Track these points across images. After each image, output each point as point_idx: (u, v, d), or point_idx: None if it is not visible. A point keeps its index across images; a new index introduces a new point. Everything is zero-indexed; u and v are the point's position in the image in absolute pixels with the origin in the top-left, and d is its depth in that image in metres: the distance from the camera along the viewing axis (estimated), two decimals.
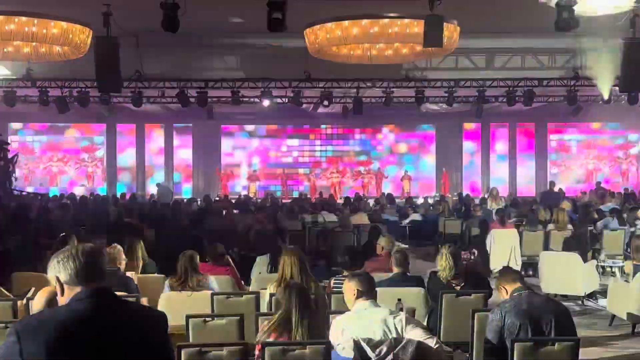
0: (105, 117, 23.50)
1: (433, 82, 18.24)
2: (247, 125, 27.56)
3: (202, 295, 6.33)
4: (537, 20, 12.83)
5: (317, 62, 15.59)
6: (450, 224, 14.94)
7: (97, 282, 2.67)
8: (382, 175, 27.21)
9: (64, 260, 2.68)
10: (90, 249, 2.73)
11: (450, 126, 27.21)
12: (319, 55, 14.74)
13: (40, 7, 12.01)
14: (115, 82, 12.56)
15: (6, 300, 5.88)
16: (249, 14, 12.23)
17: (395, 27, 12.83)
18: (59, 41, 12.74)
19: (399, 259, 6.87)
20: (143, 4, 10.22)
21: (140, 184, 27.11)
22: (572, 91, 18.37)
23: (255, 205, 18.69)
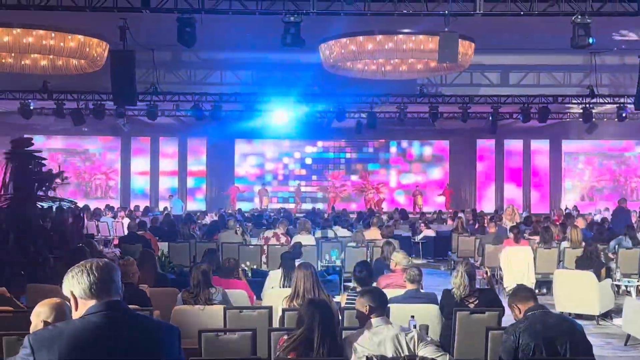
0: (120, 130, 23.63)
1: (447, 98, 18.23)
2: (260, 139, 27.62)
3: (215, 309, 6.31)
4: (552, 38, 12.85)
5: (332, 76, 15.65)
6: (464, 240, 14.86)
7: (110, 296, 2.68)
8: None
9: (78, 275, 2.69)
10: (104, 264, 2.74)
11: (464, 142, 27.18)
12: (334, 70, 14.79)
13: (58, 21, 12.13)
14: (130, 95, 12.63)
15: (20, 312, 5.89)
16: (264, 29, 12.29)
17: (410, 43, 12.87)
18: (76, 54, 12.87)
19: (412, 275, 6.83)
20: (159, 19, 10.31)
21: (154, 197, 27.19)
22: (587, 108, 18.29)
23: (268, 220, 18.70)
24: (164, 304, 6.90)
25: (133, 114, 20.51)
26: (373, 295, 4.72)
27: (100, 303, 2.65)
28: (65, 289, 2.72)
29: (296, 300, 5.93)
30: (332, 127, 23.56)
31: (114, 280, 2.72)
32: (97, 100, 18.02)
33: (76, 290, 2.68)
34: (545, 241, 12.39)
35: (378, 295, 4.77)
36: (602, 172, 27.81)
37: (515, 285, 5.40)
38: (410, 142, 27.95)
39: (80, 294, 2.68)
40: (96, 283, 2.66)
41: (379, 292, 4.87)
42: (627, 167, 27.86)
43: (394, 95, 18.15)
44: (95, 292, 2.66)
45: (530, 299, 4.93)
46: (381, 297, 4.76)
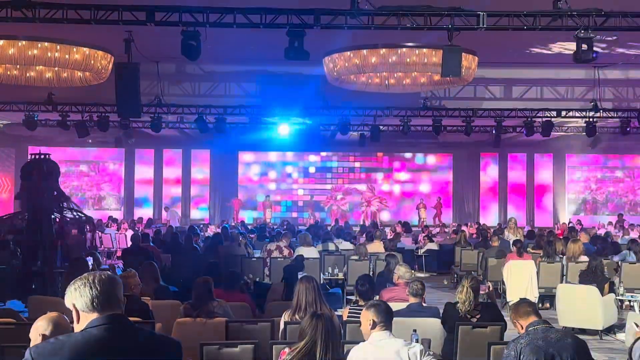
0: (124, 141, 23.69)
1: (451, 111, 18.25)
2: (264, 152, 27.66)
3: (217, 322, 6.31)
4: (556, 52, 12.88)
5: (335, 89, 15.69)
6: (467, 254, 14.83)
7: (113, 309, 2.69)
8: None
9: (81, 288, 2.70)
10: (107, 277, 2.75)
11: (468, 155, 27.19)
12: (337, 83, 14.82)
13: (63, 33, 12.19)
14: (135, 108, 12.66)
15: (22, 325, 5.89)
16: (268, 42, 12.34)
17: (414, 57, 12.89)
18: (81, 67, 12.92)
19: (415, 289, 6.82)
20: (164, 32, 10.35)
21: (157, 209, 27.22)
22: (591, 122, 18.30)
23: (271, 232, 18.69)
24: (166, 317, 6.89)
25: (137, 126, 20.57)
26: (378, 309, 4.72)
27: (102, 316, 2.66)
28: (68, 302, 2.73)
29: (298, 313, 5.92)
30: (335, 139, 23.62)
31: (116, 294, 2.73)
32: (102, 112, 18.07)
33: (78, 303, 2.69)
34: (549, 255, 12.37)
35: (383, 309, 4.76)
36: (605, 186, 27.78)
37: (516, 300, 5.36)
38: (414, 155, 27.96)
39: (82, 307, 2.68)
40: (98, 296, 2.67)
41: (384, 306, 4.86)
42: (631, 180, 27.83)
43: (398, 109, 18.18)
44: (98, 306, 2.67)
45: (532, 313, 4.89)
46: (386, 311, 4.75)
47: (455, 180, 27.85)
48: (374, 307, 4.76)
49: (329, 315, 4.73)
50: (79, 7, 9.66)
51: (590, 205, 27.77)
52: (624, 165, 27.80)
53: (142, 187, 27.63)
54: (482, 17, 9.71)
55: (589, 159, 27.40)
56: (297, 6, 9.80)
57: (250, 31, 10.36)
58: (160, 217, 26.26)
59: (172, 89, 16.64)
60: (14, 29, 11.80)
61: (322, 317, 4.38)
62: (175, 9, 9.74)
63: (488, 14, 9.74)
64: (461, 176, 27.69)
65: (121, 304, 2.74)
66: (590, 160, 27.59)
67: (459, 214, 27.40)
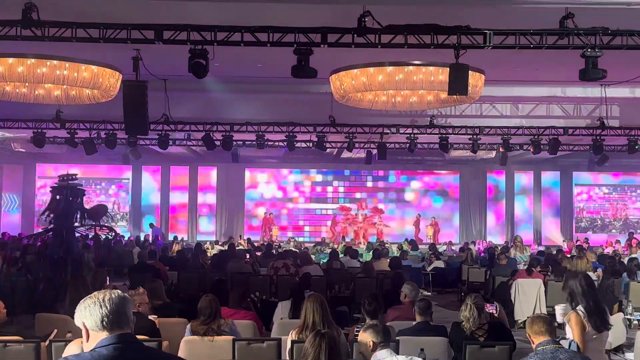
0: (131, 158, 23.78)
1: (457, 128, 18.26)
2: (271, 168, 27.72)
3: (224, 341, 6.29)
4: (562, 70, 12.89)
5: (342, 107, 15.72)
6: (474, 272, 14.78)
7: (122, 328, 2.69)
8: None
9: (91, 307, 2.70)
10: (117, 296, 2.75)
11: (475, 173, 27.18)
12: (344, 101, 14.85)
13: (71, 51, 12.27)
14: (142, 125, 12.69)
15: (30, 342, 5.89)
16: (275, 60, 12.40)
17: (420, 75, 12.90)
18: (89, 84, 12.97)
19: (422, 307, 6.80)
20: (172, 49, 10.41)
21: (165, 226, 27.25)
22: (598, 140, 18.27)
23: (277, 250, 18.69)
24: (173, 335, 6.88)
25: (144, 143, 20.66)
26: (375, 330, 4.73)
27: (112, 336, 2.66)
28: (77, 320, 2.74)
29: (305, 331, 5.90)
30: (342, 156, 23.67)
31: (125, 313, 2.73)
32: (110, 130, 18.15)
33: (88, 322, 2.69)
34: (557, 274, 12.32)
35: (380, 329, 4.78)
36: (612, 204, 27.70)
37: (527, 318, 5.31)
38: (420, 172, 27.95)
39: (92, 326, 2.69)
40: (108, 315, 2.67)
41: (381, 326, 4.89)
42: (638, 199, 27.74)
43: (404, 126, 18.19)
44: (107, 325, 2.67)
45: (545, 333, 4.84)
46: (384, 331, 4.77)
47: (461, 197, 27.80)
48: (371, 329, 4.78)
49: (333, 334, 4.71)
50: (88, 26, 9.73)
51: (598, 223, 27.67)
52: (631, 183, 27.72)
53: (148, 203, 27.69)
54: (488, 35, 9.74)
55: (596, 176, 27.33)
56: (304, 24, 9.85)
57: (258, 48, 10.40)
58: (168, 233, 26.29)
59: (179, 107, 16.68)
60: (22, 47, 11.88)
61: (325, 336, 4.38)
62: (184, 27, 9.80)
63: (494, 32, 9.77)
64: (468, 194, 27.65)
65: (131, 323, 2.75)
66: (597, 178, 27.53)
67: (465, 232, 27.34)
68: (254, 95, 17.87)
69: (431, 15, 9.84)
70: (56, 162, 26.17)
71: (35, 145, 18.65)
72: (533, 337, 4.87)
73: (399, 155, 22.53)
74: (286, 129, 18.30)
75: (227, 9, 10.46)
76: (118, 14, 10.08)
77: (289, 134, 18.51)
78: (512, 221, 27.55)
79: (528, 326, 4.99)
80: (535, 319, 4.96)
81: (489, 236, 26.52)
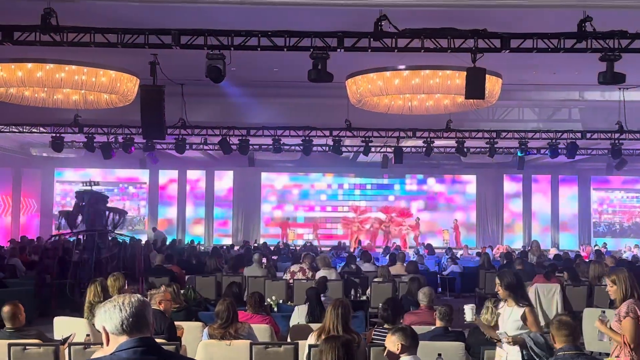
0: (148, 162, 23.92)
1: (474, 132, 18.19)
2: (287, 172, 27.76)
3: (241, 345, 6.30)
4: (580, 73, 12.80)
5: (358, 111, 15.72)
6: (491, 277, 14.67)
7: (142, 332, 2.70)
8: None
9: (110, 310, 2.71)
10: (136, 300, 2.76)
11: (492, 177, 27.05)
12: (360, 105, 14.84)
13: (88, 56, 12.36)
14: (159, 130, 12.76)
15: (49, 345, 5.92)
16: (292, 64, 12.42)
17: (437, 78, 12.88)
18: (107, 89, 13.07)
19: (443, 313, 6.78)
20: (189, 54, 10.45)
21: (181, 229, 27.36)
22: (616, 144, 18.13)
23: (293, 254, 18.69)
24: (190, 338, 6.91)
25: (161, 147, 20.76)
26: (405, 334, 4.69)
27: (132, 339, 2.67)
28: (98, 324, 2.76)
29: (323, 336, 5.90)
30: (358, 160, 23.65)
31: (145, 317, 2.75)
32: (127, 134, 18.26)
33: (108, 326, 2.71)
34: (574, 279, 12.22)
35: (410, 333, 4.73)
36: (631, 209, 27.47)
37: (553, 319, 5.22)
38: (437, 176, 27.86)
39: (112, 329, 2.70)
40: (127, 319, 2.69)
41: (410, 330, 4.83)
42: None
43: (421, 130, 18.14)
44: (127, 328, 2.68)
45: (567, 338, 4.78)
46: (413, 336, 4.73)
47: (478, 202, 27.68)
48: (401, 331, 4.73)
49: (346, 339, 4.69)
50: (106, 31, 9.80)
51: (616, 228, 27.44)
52: None
53: (165, 207, 27.82)
54: (506, 39, 9.70)
55: (614, 181, 27.10)
56: (320, 29, 9.86)
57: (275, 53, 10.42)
58: (184, 237, 26.39)
59: (196, 111, 16.75)
60: (41, 52, 11.98)
61: (337, 341, 4.38)
62: (201, 32, 9.84)
63: (512, 35, 9.72)
64: (484, 198, 27.52)
65: (150, 326, 2.76)
66: (615, 183, 27.29)
67: (482, 236, 27.20)
68: (270, 100, 17.91)
69: (448, 19, 9.81)
70: (74, 166, 26.35)
71: (53, 149, 18.78)
72: (556, 338, 4.82)
73: (415, 160, 22.45)
74: (302, 133, 18.31)
75: (244, 13, 10.49)
76: (135, 19, 10.14)
77: (305, 138, 18.52)
78: (529, 226, 27.38)
79: (555, 327, 4.92)
80: (563, 324, 4.89)
81: (505, 240, 26.37)
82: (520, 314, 5.91)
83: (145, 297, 5.46)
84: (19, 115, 16.97)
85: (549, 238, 26.78)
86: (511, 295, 6.03)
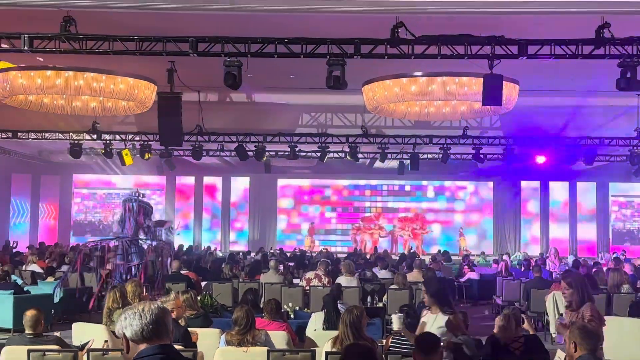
0: (165, 169, 24.05)
1: (491, 139, 18.11)
2: (303, 179, 27.75)
3: (258, 351, 6.30)
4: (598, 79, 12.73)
5: (374, 117, 15.73)
6: (509, 284, 14.60)
7: (161, 339, 2.72)
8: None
9: (131, 317, 2.74)
10: (156, 308, 2.78)
11: (509, 183, 26.90)
12: (377, 112, 14.84)
13: (105, 63, 12.47)
14: (176, 136, 12.86)
15: (68, 351, 5.96)
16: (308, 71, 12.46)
17: (454, 85, 12.84)
18: (125, 96, 13.15)
19: (458, 320, 6.73)
20: (206, 61, 10.51)
21: (197, 235, 27.43)
22: (635, 150, 17.99)
23: (309, 260, 18.69)
24: (207, 345, 6.92)
25: (178, 154, 20.88)
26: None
27: (152, 346, 2.69)
28: (118, 330, 2.78)
29: (339, 343, 5.90)
30: (374, 166, 23.63)
31: (165, 324, 2.77)
32: (145, 141, 18.37)
33: (128, 332, 2.73)
34: (593, 287, 12.11)
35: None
36: None
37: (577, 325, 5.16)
38: (453, 183, 27.77)
39: (132, 336, 2.72)
40: (148, 326, 2.71)
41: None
42: None
43: (437, 137, 18.10)
44: (147, 335, 2.70)
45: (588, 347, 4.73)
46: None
47: (495, 208, 27.53)
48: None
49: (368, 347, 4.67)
50: (125, 39, 9.88)
51: (635, 235, 27.18)
52: None
53: (182, 213, 27.93)
54: (523, 45, 9.67)
55: (633, 187, 26.85)
56: (337, 35, 9.88)
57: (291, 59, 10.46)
58: (201, 243, 26.47)
59: (212, 118, 16.82)
60: (58, 60, 12.10)
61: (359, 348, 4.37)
62: (218, 39, 9.90)
63: (529, 42, 9.69)
64: (501, 205, 27.37)
65: (170, 333, 2.78)
66: (634, 189, 27.03)
67: (499, 243, 27.05)
68: (286, 106, 17.95)
69: (464, 26, 9.80)
70: (92, 172, 26.51)
71: (72, 156, 18.94)
72: (579, 347, 4.76)
73: (431, 166, 22.37)
74: (318, 139, 18.34)
75: (261, 20, 10.54)
76: (153, 27, 10.22)
77: (321, 145, 18.54)
78: (547, 232, 27.18)
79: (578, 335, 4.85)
80: (589, 333, 4.84)
81: (523, 247, 26.20)
82: (445, 321, 6.22)
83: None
84: (38, 122, 17.16)
85: (566, 245, 26.57)
86: (436, 302, 6.40)
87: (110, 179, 27.04)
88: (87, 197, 27.89)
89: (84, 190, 27.82)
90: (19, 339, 6.52)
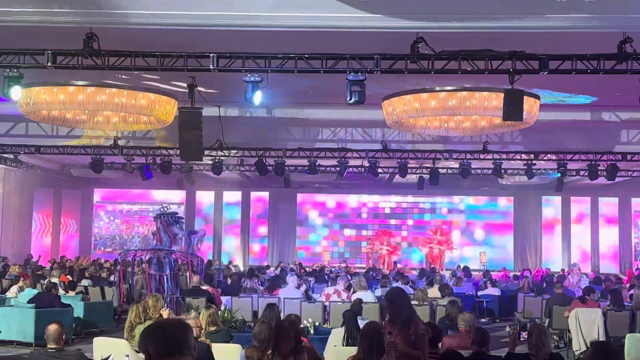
0: (185, 183, 24.17)
1: (512, 154, 18.00)
2: (323, 194, 27.76)
3: None
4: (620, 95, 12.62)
5: (394, 132, 15.70)
6: (530, 301, 14.46)
7: (183, 355, 2.72)
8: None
9: (153, 333, 2.74)
10: (178, 323, 2.79)
11: (530, 199, 26.73)
12: (396, 127, 14.81)
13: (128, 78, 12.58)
14: (197, 151, 12.90)
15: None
16: (328, 86, 12.48)
17: (474, 100, 12.80)
18: (146, 111, 13.25)
19: (478, 336, 6.68)
20: (226, 78, 10.57)
21: (217, 250, 27.49)
22: None
23: (329, 276, 18.64)
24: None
25: (198, 169, 20.98)
26: None
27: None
28: (140, 347, 2.78)
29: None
30: (394, 181, 23.57)
31: (187, 339, 2.77)
32: (165, 156, 18.46)
33: (151, 349, 2.73)
34: (616, 304, 11.97)
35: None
36: None
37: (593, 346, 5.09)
38: (474, 198, 27.63)
39: (154, 352, 2.73)
40: (169, 342, 2.71)
41: None
42: None
43: (457, 152, 18.03)
44: (169, 351, 2.70)
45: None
46: None
47: (516, 224, 27.34)
48: None
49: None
50: (147, 55, 9.97)
51: None
52: None
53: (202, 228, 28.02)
54: (544, 60, 9.62)
55: None
56: (357, 51, 9.90)
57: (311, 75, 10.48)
58: (220, 258, 26.52)
59: (232, 132, 16.89)
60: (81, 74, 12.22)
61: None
62: (238, 55, 9.95)
63: (550, 57, 9.64)
64: (522, 220, 27.18)
65: (192, 349, 2.78)
66: None
67: (520, 259, 26.84)
68: (305, 121, 17.98)
69: (485, 40, 9.77)
70: (113, 187, 26.72)
71: (93, 170, 19.07)
72: None
73: (451, 181, 22.28)
74: (338, 154, 18.34)
75: (281, 36, 10.58)
76: (175, 43, 10.29)
77: (340, 159, 18.53)
78: (568, 248, 26.92)
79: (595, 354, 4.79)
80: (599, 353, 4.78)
81: (544, 263, 25.96)
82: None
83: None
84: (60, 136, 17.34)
85: (588, 261, 26.31)
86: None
87: (132, 192, 27.22)
88: (108, 211, 28.09)
89: (106, 205, 28.03)
90: (40, 354, 6.55)
